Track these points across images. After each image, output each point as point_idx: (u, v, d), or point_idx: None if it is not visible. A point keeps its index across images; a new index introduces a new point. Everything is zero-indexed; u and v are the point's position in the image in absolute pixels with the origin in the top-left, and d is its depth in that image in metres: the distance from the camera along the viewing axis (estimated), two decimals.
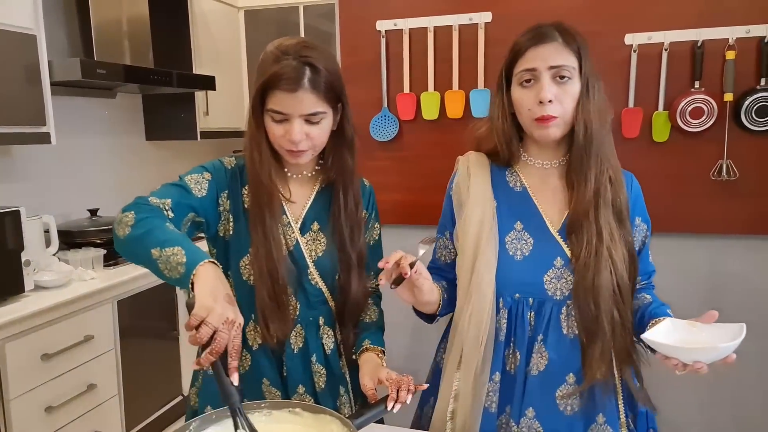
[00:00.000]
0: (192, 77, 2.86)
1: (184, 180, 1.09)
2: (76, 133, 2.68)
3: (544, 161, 1.12)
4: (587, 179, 1.05)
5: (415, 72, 1.87)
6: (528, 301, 1.09)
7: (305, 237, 1.13)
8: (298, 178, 1.16)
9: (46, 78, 2.11)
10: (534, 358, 1.08)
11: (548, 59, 1.02)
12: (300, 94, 1.01)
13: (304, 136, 1.04)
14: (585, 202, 1.05)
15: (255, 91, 1.05)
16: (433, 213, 1.92)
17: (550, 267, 1.07)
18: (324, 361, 1.16)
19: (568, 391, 1.07)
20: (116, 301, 2.22)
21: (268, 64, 1.03)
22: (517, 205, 1.12)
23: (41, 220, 2.20)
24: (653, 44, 1.68)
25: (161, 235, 0.93)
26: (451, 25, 1.82)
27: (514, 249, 1.10)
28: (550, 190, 1.12)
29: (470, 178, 1.16)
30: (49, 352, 1.93)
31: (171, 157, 3.31)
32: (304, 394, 1.16)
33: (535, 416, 1.08)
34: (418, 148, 1.91)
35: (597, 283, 1.03)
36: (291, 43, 1.04)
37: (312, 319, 1.15)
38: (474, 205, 1.13)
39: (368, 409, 1.01)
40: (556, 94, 1.02)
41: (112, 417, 2.24)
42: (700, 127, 1.66)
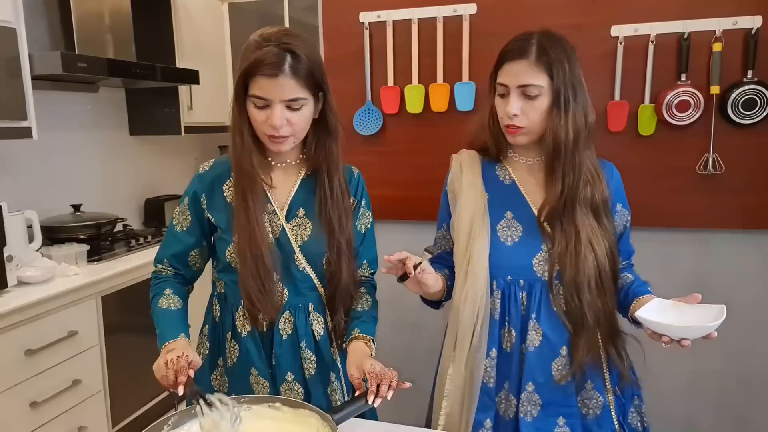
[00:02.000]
0: (175, 71, 2.82)
1: (173, 224, 1.22)
2: (59, 128, 2.64)
3: (528, 158, 1.22)
4: (556, 181, 1.14)
5: (399, 65, 1.87)
6: (519, 283, 1.18)
7: (291, 223, 1.16)
8: (282, 167, 1.18)
9: (26, 72, 2.08)
10: (530, 335, 1.17)
11: (518, 78, 1.11)
12: (281, 79, 1.04)
13: (285, 122, 1.07)
14: (554, 202, 1.14)
15: (237, 77, 1.08)
16: (419, 208, 1.93)
17: (539, 251, 1.17)
18: (314, 347, 1.18)
19: (563, 362, 1.16)
20: (100, 296, 2.20)
21: (251, 51, 1.06)
22: (506, 196, 1.22)
23: (23, 216, 2.16)
24: (639, 36, 1.68)
25: (154, 315, 1.18)
26: (435, 17, 1.81)
27: (505, 236, 1.19)
28: (535, 183, 1.21)
29: (462, 173, 1.25)
30: (32, 348, 1.91)
31: (155, 152, 3.27)
32: (293, 381, 1.18)
33: (535, 389, 1.17)
34: (403, 143, 1.91)
35: (578, 280, 1.12)
36: (273, 31, 1.07)
37: (301, 306, 1.17)
38: (467, 197, 1.23)
39: (349, 404, 1.01)
40: (523, 108, 1.11)
41: (98, 412, 2.23)
42: (686, 120, 1.66)
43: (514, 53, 1.13)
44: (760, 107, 1.60)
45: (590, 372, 1.17)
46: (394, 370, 1.03)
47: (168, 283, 1.21)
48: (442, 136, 1.87)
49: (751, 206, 1.68)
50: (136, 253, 2.54)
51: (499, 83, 1.15)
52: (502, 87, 1.14)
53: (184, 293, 1.22)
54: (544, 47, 1.10)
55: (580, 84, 1.13)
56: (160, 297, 1.18)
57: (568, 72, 1.10)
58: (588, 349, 1.14)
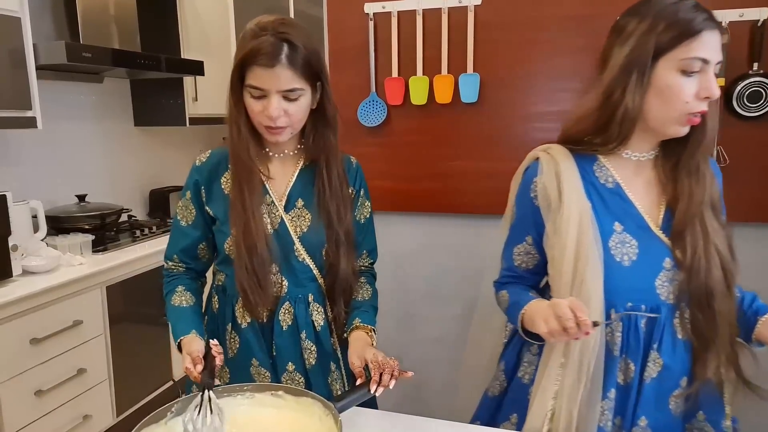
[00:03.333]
0: (180, 62, 2.82)
1: (177, 219, 1.21)
2: (64, 118, 2.65)
3: (641, 153, 1.02)
4: (700, 176, 0.99)
5: (403, 56, 1.86)
6: (641, 308, 1.00)
7: (290, 214, 1.15)
8: (279, 158, 1.18)
9: (31, 61, 2.08)
10: (648, 366, 1.01)
11: (717, 52, 0.92)
12: (277, 69, 1.03)
13: (282, 113, 1.06)
14: (697, 203, 0.98)
15: (234, 66, 1.07)
16: (422, 200, 1.93)
17: (661, 270, 0.99)
18: (314, 337, 1.18)
19: (681, 393, 1.02)
20: (105, 286, 2.22)
21: (247, 41, 1.05)
22: (611, 203, 1.02)
23: (29, 206, 2.18)
24: None
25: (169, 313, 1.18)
26: (440, 8, 1.81)
27: (620, 254, 0.99)
28: (642, 184, 1.03)
29: (562, 176, 1.02)
30: (38, 337, 1.92)
31: (160, 143, 3.28)
32: (294, 371, 1.18)
33: (648, 424, 1.02)
34: (407, 134, 1.91)
35: (710, 285, 0.97)
36: (270, 20, 1.06)
37: (301, 296, 1.17)
38: (569, 207, 1.00)
39: (351, 392, 1.02)
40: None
41: (103, 401, 2.25)
42: None
43: (712, 21, 0.93)
44: (766, 100, 1.59)
45: (705, 399, 1.01)
46: (395, 359, 1.04)
47: (180, 280, 1.21)
48: (446, 128, 1.87)
49: (756, 199, 1.68)
50: (141, 243, 2.55)
51: (696, 57, 0.92)
52: (698, 62, 0.92)
53: (196, 288, 1.22)
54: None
55: None
56: (173, 294, 1.18)
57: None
58: (713, 364, 0.98)
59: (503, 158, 1.85)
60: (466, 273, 1.99)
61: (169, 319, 1.16)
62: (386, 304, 2.01)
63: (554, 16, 1.74)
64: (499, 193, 1.89)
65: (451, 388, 2.08)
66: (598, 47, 1.69)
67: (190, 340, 1.07)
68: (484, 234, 1.95)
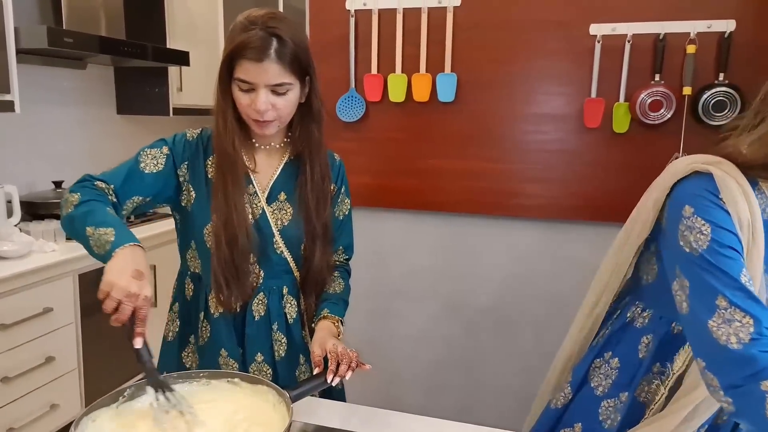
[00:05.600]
0: (166, 51, 2.81)
1: (140, 156, 1.13)
2: (44, 103, 2.64)
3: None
4: None
5: (383, 53, 1.88)
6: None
7: (271, 206, 1.16)
8: (266, 149, 1.18)
9: (11, 44, 2.07)
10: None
11: None
12: (266, 64, 1.03)
13: (270, 106, 1.06)
14: None
15: (223, 59, 1.07)
16: (399, 197, 1.95)
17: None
18: (285, 329, 1.19)
19: None
20: (77, 274, 2.21)
21: (237, 33, 1.05)
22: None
23: (3, 190, 2.18)
24: (617, 35, 1.70)
25: (99, 217, 0.98)
26: (420, 8, 1.82)
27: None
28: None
29: (749, 199, 0.86)
30: (6, 323, 1.91)
31: (142, 132, 3.27)
32: (262, 362, 1.18)
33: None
34: (384, 131, 1.92)
35: None
36: (259, 14, 1.06)
37: (275, 288, 1.18)
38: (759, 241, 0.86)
39: (307, 382, 1.03)
40: None
41: (71, 390, 2.23)
42: (658, 119, 1.69)
43: None
44: (730, 109, 1.63)
45: None
46: (355, 351, 1.05)
47: (109, 203, 1.04)
48: (423, 126, 1.89)
49: None
50: None
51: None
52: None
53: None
54: None
55: None
56: (106, 205, 1.02)
57: None
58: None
59: (479, 158, 1.87)
60: (441, 271, 2.01)
61: (103, 219, 0.97)
62: (362, 300, 2.03)
63: (531, 21, 1.77)
64: (475, 192, 1.93)
65: (423, 384, 2.10)
66: (571, 53, 1.74)
67: (144, 261, 0.94)
68: (460, 232, 1.97)
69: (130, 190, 1.10)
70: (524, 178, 1.85)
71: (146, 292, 0.88)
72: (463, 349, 2.05)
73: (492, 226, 1.93)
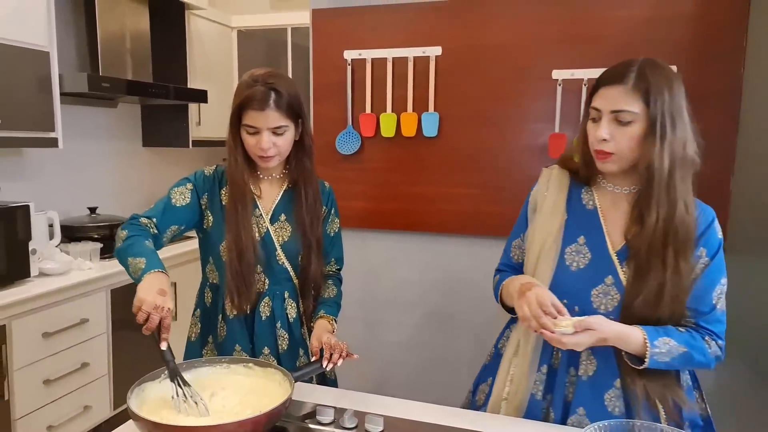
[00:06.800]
0: (186, 91, 3.10)
1: (171, 194, 1.38)
2: (81, 139, 2.92)
3: (616, 186, 1.17)
4: (649, 213, 1.08)
5: (375, 95, 2.15)
6: (573, 309, 1.15)
7: (274, 226, 1.42)
8: (268, 180, 1.44)
9: (56, 89, 2.35)
10: (583, 363, 1.17)
11: (612, 103, 1.08)
12: (267, 111, 1.30)
13: (272, 145, 1.33)
14: (641, 237, 1.09)
15: (233, 111, 1.35)
16: (390, 219, 2.21)
17: (600, 283, 1.14)
18: (287, 327, 1.44)
19: (616, 394, 1.15)
20: (110, 289, 2.45)
21: (243, 89, 1.33)
22: (585, 221, 1.18)
23: (46, 215, 2.42)
24: (575, 79, 1.96)
25: (137, 249, 1.23)
26: (407, 57, 2.11)
27: (571, 260, 1.17)
28: (618, 214, 1.16)
29: (548, 191, 1.24)
30: (49, 331, 2.15)
31: (165, 162, 3.55)
32: (269, 354, 1.43)
33: (586, 414, 1.16)
34: (378, 162, 2.19)
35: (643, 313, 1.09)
36: (261, 73, 1.34)
37: (278, 293, 1.43)
38: (545, 214, 1.22)
39: (306, 366, 1.28)
40: (614, 134, 1.08)
41: (102, 394, 2.45)
42: None
43: (611, 78, 1.10)
44: None
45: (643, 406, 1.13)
46: (345, 343, 1.30)
47: (151, 235, 1.30)
48: (410, 157, 2.16)
49: None
50: None
51: (593, 107, 1.12)
52: (595, 111, 1.11)
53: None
54: (644, 74, 1.07)
55: (681, 114, 1.07)
56: (146, 239, 1.26)
57: (667, 100, 1.06)
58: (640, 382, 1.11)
59: (459, 184, 2.12)
60: (425, 284, 2.24)
61: (141, 251, 1.21)
62: (355, 310, 2.27)
63: (503, 67, 2.03)
64: (454, 215, 2.18)
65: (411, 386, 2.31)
66: (537, 94, 2.00)
67: (167, 282, 1.17)
68: (443, 250, 2.21)
69: (168, 221, 1.36)
70: (497, 200, 2.08)
71: (168, 305, 1.11)
72: (444, 351, 2.27)
73: (471, 244, 2.17)
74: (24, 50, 2.20)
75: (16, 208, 2.14)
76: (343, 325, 1.47)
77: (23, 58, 2.20)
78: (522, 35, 2.01)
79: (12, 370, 2.03)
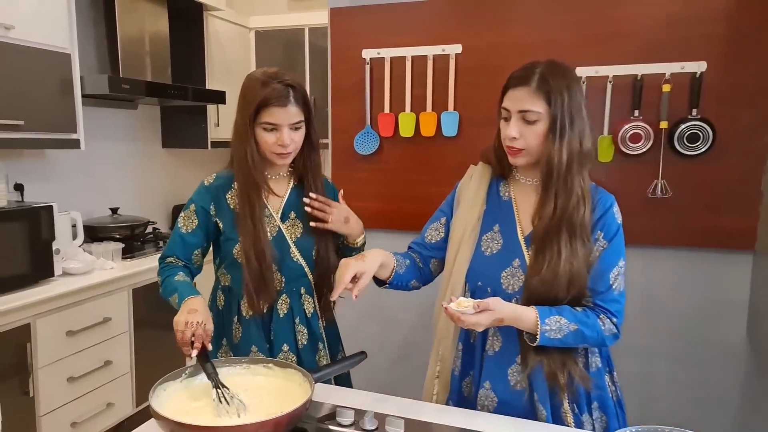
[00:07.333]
0: (205, 92, 3.14)
1: (179, 223, 1.43)
2: (101, 140, 2.97)
3: (527, 178, 1.29)
4: (547, 203, 1.19)
5: (394, 95, 2.14)
6: (486, 290, 1.27)
7: (285, 224, 1.43)
8: (275, 179, 1.46)
9: (78, 91, 2.39)
10: (490, 339, 1.28)
11: (519, 103, 1.18)
12: (289, 107, 1.34)
13: (291, 140, 1.35)
14: (542, 223, 1.20)
15: (250, 110, 1.34)
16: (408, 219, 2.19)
17: (508, 266, 1.26)
18: (305, 322, 1.45)
19: (518, 369, 1.25)
20: (131, 289, 2.49)
21: (258, 89, 1.34)
22: (501, 210, 1.31)
23: (69, 216, 2.47)
24: (600, 77, 1.93)
25: (170, 287, 1.35)
26: (426, 55, 2.09)
27: (486, 246, 1.30)
28: (529, 203, 1.27)
29: (470, 183, 1.37)
30: (73, 330, 2.20)
31: (184, 163, 3.60)
32: (288, 351, 1.44)
33: (491, 388, 1.28)
34: (396, 162, 2.17)
35: (542, 291, 1.19)
36: (273, 71, 1.37)
37: (295, 290, 1.44)
38: (465, 207, 1.34)
39: (326, 367, 1.28)
40: (523, 132, 1.18)
41: (125, 391, 2.50)
42: (638, 150, 1.89)
43: (517, 80, 1.20)
44: (703, 141, 1.83)
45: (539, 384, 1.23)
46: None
47: (179, 268, 1.40)
48: (429, 157, 2.14)
49: (693, 226, 1.89)
50: None
51: (503, 107, 1.22)
52: (505, 111, 1.21)
53: (192, 280, 1.41)
54: (545, 77, 1.16)
55: (579, 112, 1.17)
56: (175, 275, 1.37)
57: (566, 100, 1.15)
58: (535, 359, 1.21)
59: None
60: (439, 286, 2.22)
61: (174, 288, 1.32)
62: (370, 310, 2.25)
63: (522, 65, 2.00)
64: None
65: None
66: None
67: (199, 302, 1.27)
68: None
69: (188, 251, 1.43)
70: None
71: (197, 319, 1.20)
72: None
73: None
74: (45, 52, 2.24)
75: (40, 209, 2.18)
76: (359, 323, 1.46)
77: (45, 60, 2.24)
78: (544, 32, 1.98)
79: (37, 368, 2.08)
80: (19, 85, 2.13)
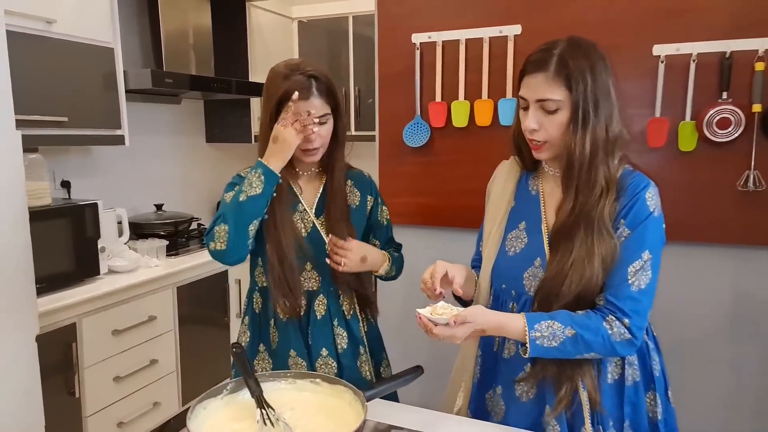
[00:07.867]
0: (249, 84, 3.08)
1: (224, 200, 1.33)
2: (146, 135, 2.97)
3: (556, 170, 1.17)
4: (568, 198, 1.10)
5: (446, 82, 1.98)
6: (511, 293, 1.20)
7: (320, 219, 1.34)
8: (307, 175, 1.38)
9: (121, 86, 2.37)
10: (507, 342, 1.21)
11: (536, 92, 1.07)
12: (312, 100, 1.23)
13: (317, 136, 1.26)
14: (562, 220, 1.11)
15: (273, 103, 1.24)
16: (461, 216, 2.03)
17: (531, 265, 1.17)
18: (345, 324, 1.36)
19: (524, 377, 1.17)
20: (176, 287, 2.47)
21: (279, 81, 1.24)
22: (528, 207, 1.21)
23: (115, 213, 2.47)
24: (681, 55, 1.71)
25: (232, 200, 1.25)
26: (481, 38, 1.92)
27: (510, 245, 1.21)
28: (557, 196, 1.16)
29: (497, 180, 1.29)
30: (118, 329, 2.18)
31: (227, 158, 3.57)
32: (327, 356, 1.34)
33: (501, 394, 1.21)
34: (448, 154, 2.02)
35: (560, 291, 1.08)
36: (296, 62, 1.27)
37: (332, 289, 1.35)
38: (492, 205, 1.27)
39: (380, 384, 1.16)
40: (542, 122, 1.08)
41: (171, 390, 2.49)
42: (727, 137, 1.67)
43: (533, 65, 1.08)
44: None
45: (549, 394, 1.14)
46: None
47: None
48: (485, 149, 1.97)
49: None
50: None
51: (520, 96, 1.11)
52: (523, 101, 1.11)
53: None
54: (565, 59, 1.05)
55: (605, 94, 1.06)
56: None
57: (590, 83, 1.04)
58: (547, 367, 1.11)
59: None
60: None
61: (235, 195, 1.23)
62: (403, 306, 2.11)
63: None
64: None
65: None
66: (632, 75, 1.76)
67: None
68: None
69: None
70: None
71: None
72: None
73: None
74: (89, 47, 2.21)
75: (85, 206, 2.16)
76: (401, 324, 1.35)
77: (88, 55, 2.21)
78: (615, 7, 1.78)
79: (83, 368, 2.07)
80: (62, 80, 2.11)
